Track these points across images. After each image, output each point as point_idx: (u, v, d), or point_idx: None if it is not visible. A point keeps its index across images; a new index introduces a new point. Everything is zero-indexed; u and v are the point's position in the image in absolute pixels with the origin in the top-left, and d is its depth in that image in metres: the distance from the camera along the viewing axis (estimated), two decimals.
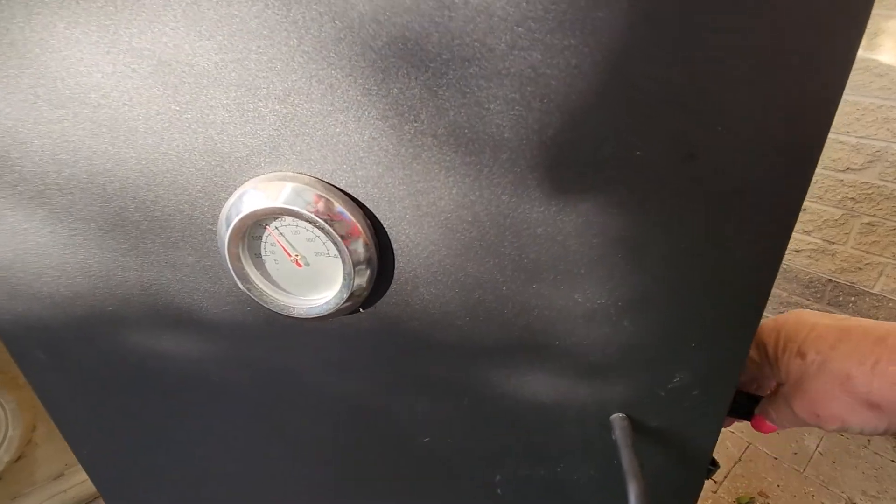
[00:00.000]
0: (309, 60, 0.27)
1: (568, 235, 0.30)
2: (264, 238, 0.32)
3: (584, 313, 0.33)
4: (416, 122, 0.28)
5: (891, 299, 1.80)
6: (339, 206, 0.31)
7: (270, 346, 0.38)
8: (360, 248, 0.32)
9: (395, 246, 0.32)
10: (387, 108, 0.28)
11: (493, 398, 0.38)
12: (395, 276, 0.34)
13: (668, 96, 0.25)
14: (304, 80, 0.28)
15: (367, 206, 0.31)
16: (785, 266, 2.02)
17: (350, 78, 0.27)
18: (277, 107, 0.29)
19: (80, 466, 1.61)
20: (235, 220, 0.31)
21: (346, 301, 0.33)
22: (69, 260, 0.36)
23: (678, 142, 0.27)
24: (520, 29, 0.25)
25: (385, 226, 0.32)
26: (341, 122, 0.29)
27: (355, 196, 0.31)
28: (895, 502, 1.58)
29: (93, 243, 0.35)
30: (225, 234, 0.31)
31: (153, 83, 0.29)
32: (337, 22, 0.26)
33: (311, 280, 0.34)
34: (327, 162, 0.30)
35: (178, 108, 0.30)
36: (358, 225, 0.31)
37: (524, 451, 0.41)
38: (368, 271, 0.33)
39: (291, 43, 0.27)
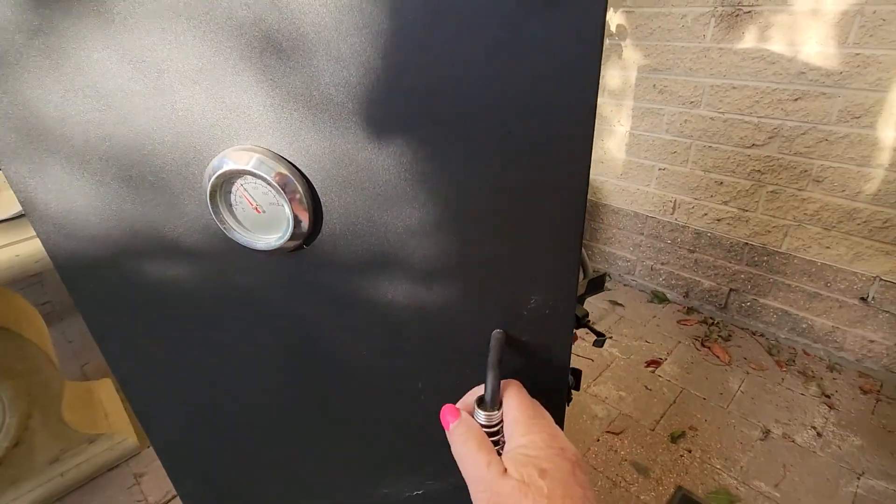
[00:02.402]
0: (250, 67, 0.41)
1: (411, 178, 0.43)
2: (234, 192, 0.46)
3: (460, 240, 0.46)
4: (310, 98, 0.41)
5: (795, 256, 2.09)
6: (283, 169, 0.44)
7: (242, 271, 0.53)
8: (299, 198, 0.45)
9: (322, 197, 0.46)
10: (286, 94, 0.41)
11: (409, 319, 0.52)
12: (325, 219, 0.47)
13: (478, 79, 0.38)
14: (249, 80, 0.41)
15: (302, 169, 0.45)
16: (709, 234, 2.30)
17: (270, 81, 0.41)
18: (236, 99, 0.42)
19: (75, 451, 1.70)
20: (213, 177, 0.45)
21: (291, 238, 0.47)
22: (108, 208, 0.52)
23: (497, 121, 0.39)
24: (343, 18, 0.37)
25: (314, 183, 0.45)
26: (281, 112, 0.42)
27: (293, 162, 0.45)
28: (802, 427, 1.87)
29: (124, 197, 0.50)
30: (207, 187, 0.46)
31: (156, 85, 0.43)
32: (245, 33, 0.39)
33: (267, 222, 0.48)
34: (274, 138, 0.44)
35: (173, 102, 0.44)
36: (297, 183, 0.45)
37: (438, 361, 0.54)
38: (306, 215, 0.46)
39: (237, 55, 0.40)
